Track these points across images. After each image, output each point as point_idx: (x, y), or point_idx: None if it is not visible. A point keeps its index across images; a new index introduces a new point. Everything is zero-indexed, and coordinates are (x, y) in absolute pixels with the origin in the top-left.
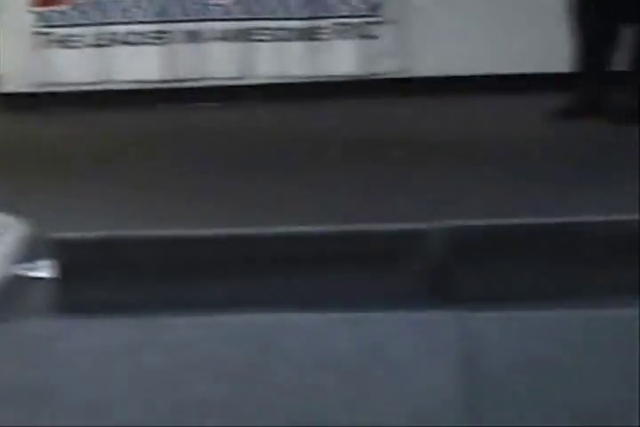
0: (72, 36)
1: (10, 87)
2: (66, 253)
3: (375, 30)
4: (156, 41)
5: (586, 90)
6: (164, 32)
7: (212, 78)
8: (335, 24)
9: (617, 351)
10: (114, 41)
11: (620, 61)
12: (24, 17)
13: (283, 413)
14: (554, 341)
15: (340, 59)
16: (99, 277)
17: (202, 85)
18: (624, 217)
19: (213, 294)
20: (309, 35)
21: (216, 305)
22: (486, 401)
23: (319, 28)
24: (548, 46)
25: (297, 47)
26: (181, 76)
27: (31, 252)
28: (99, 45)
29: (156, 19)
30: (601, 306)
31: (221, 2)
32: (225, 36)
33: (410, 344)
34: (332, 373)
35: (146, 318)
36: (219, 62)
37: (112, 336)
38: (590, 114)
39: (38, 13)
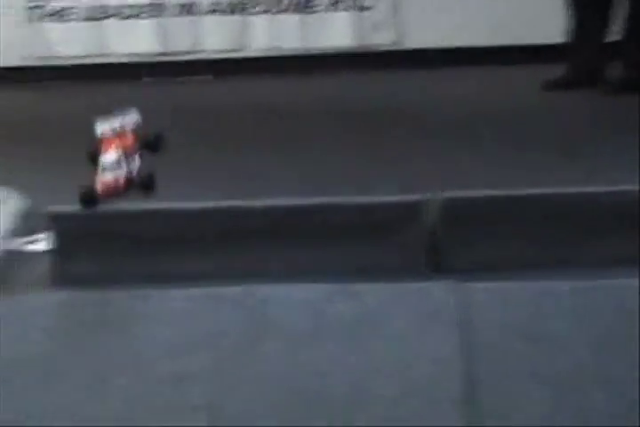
0: (66, 9)
1: (4, 61)
2: (62, 226)
3: (369, 2)
4: (150, 14)
5: (580, 61)
6: (157, 5)
7: (206, 51)
8: None
9: (608, 320)
10: (108, 14)
11: (615, 32)
12: None
13: (281, 384)
14: (546, 309)
15: (335, 31)
16: (95, 250)
17: (195, 58)
18: (618, 188)
19: (211, 266)
20: (304, 7)
21: (214, 277)
22: (483, 366)
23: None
24: (542, 17)
25: (291, 19)
26: (175, 49)
27: (28, 225)
28: (92, 19)
29: None
30: (595, 276)
31: None
32: (219, 9)
33: (408, 314)
34: (331, 343)
35: (142, 289)
36: (212, 35)
37: (108, 308)
38: (585, 85)
39: None
